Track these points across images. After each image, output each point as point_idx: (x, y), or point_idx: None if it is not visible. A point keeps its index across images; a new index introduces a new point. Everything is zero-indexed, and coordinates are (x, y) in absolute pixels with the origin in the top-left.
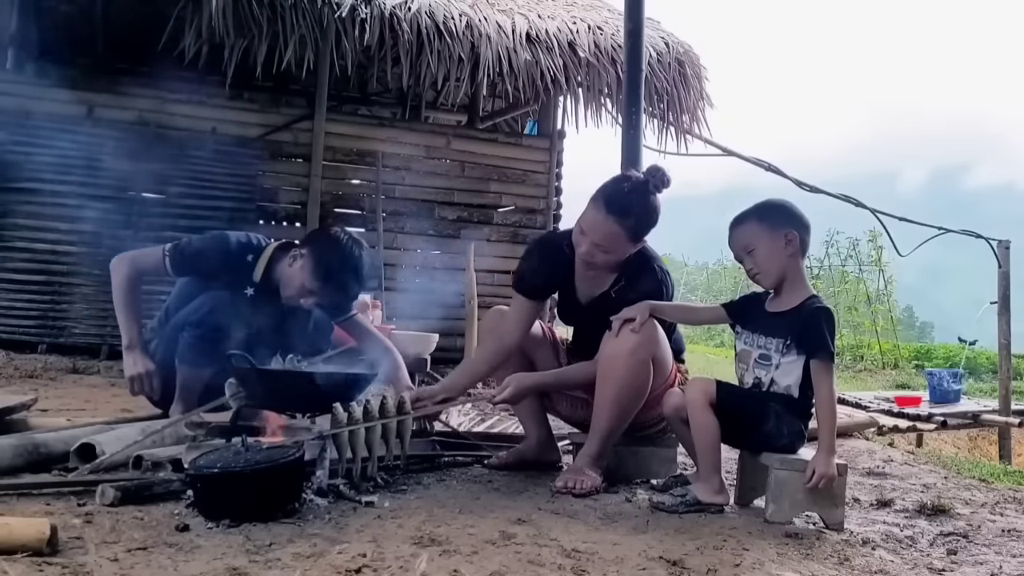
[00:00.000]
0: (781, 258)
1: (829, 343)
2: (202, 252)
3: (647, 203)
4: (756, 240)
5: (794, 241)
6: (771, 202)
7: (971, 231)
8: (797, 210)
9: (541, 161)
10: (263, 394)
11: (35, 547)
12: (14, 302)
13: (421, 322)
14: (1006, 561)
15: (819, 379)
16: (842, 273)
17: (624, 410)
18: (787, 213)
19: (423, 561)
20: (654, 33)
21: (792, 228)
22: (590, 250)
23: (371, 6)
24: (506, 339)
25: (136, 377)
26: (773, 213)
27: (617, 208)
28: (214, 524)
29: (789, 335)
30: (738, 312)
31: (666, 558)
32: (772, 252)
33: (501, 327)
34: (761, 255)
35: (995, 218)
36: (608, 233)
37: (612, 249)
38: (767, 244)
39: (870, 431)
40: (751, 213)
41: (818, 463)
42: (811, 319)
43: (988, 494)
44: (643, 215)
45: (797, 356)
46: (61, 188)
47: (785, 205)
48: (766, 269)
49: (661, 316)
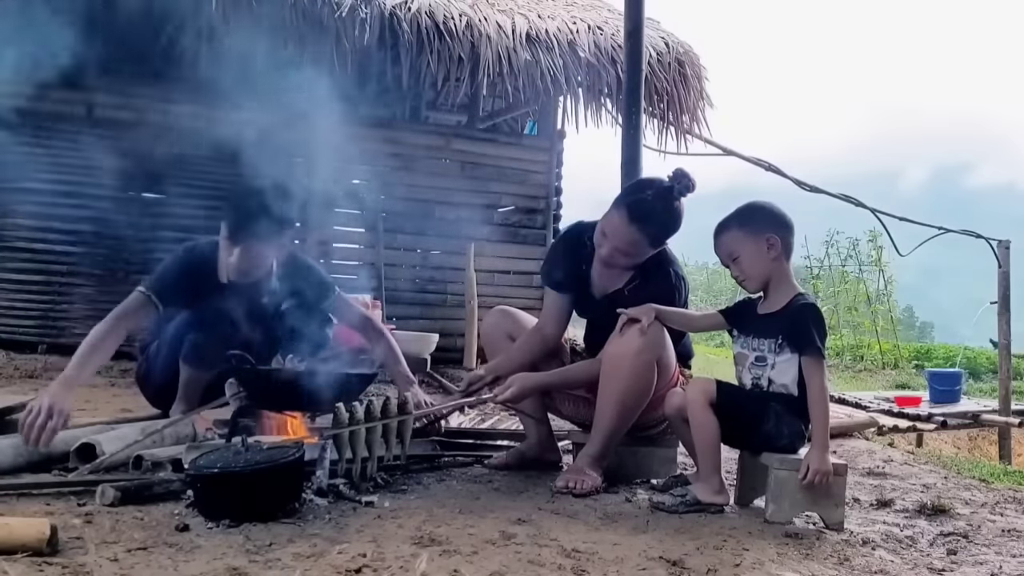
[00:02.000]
0: (765, 263)
1: (816, 339)
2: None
3: (670, 210)
4: (739, 247)
5: (776, 245)
6: (751, 206)
7: (971, 231)
8: (778, 211)
9: (541, 161)
10: (263, 394)
11: (35, 547)
12: (14, 302)
13: (421, 322)
14: (1006, 561)
15: (809, 375)
16: (842, 273)
17: (627, 411)
18: (767, 216)
19: (423, 561)
20: (654, 33)
21: (773, 232)
22: (611, 253)
23: (371, 6)
24: (546, 330)
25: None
26: (753, 218)
27: (640, 215)
28: (214, 524)
29: (780, 334)
30: (734, 317)
31: (666, 558)
32: (755, 258)
33: (540, 320)
34: (745, 262)
35: (996, 218)
36: (630, 240)
37: (633, 253)
38: (750, 250)
39: (870, 431)
40: (732, 220)
41: (812, 459)
42: (798, 317)
43: (988, 494)
44: (666, 221)
45: (791, 354)
46: (61, 188)
47: (765, 208)
48: (751, 275)
49: (664, 321)
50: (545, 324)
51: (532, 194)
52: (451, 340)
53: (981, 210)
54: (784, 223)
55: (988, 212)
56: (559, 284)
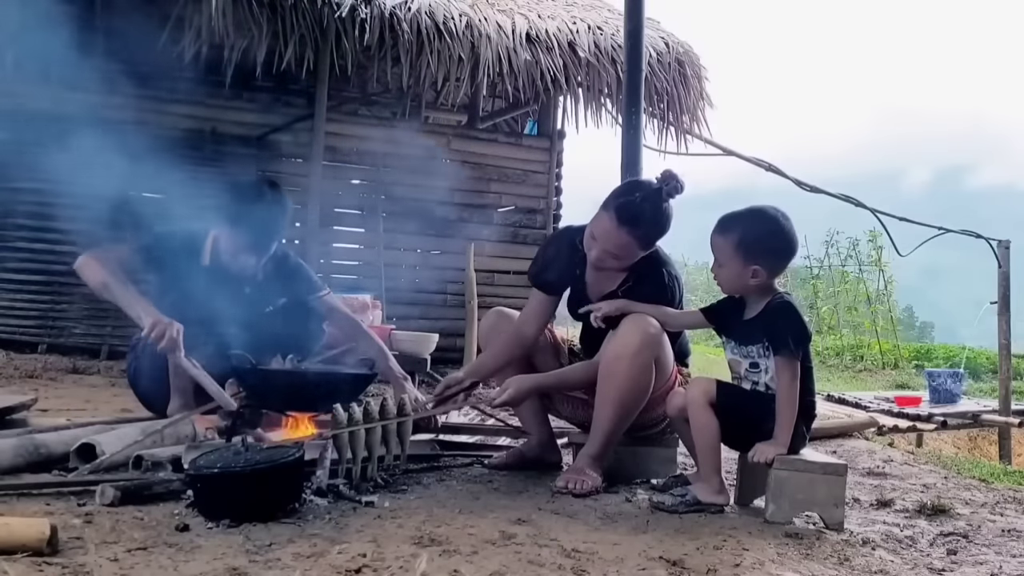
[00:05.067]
0: (743, 286)
1: (787, 338)
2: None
3: (659, 211)
4: (726, 260)
5: (760, 276)
6: (757, 225)
7: (971, 231)
8: (783, 237)
9: (541, 161)
10: (263, 393)
11: (35, 547)
12: (14, 302)
13: (421, 322)
14: (1006, 561)
15: (778, 373)
16: (842, 273)
17: (625, 411)
18: (768, 245)
19: (423, 561)
20: (654, 33)
21: (763, 264)
22: (601, 255)
23: (371, 6)
24: (524, 329)
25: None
26: (753, 242)
27: (628, 218)
28: (214, 524)
29: (764, 338)
30: (717, 317)
31: (666, 558)
32: (735, 277)
33: (519, 318)
34: (724, 275)
35: (997, 218)
36: (620, 243)
37: (623, 256)
38: (733, 269)
39: (870, 431)
40: (733, 229)
41: (764, 447)
42: (772, 316)
43: (988, 494)
44: (655, 223)
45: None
46: (61, 188)
47: (771, 233)
48: (725, 286)
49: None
50: (525, 323)
51: (532, 194)
52: (451, 340)
53: (983, 210)
54: (782, 253)
55: (990, 213)
56: (550, 286)
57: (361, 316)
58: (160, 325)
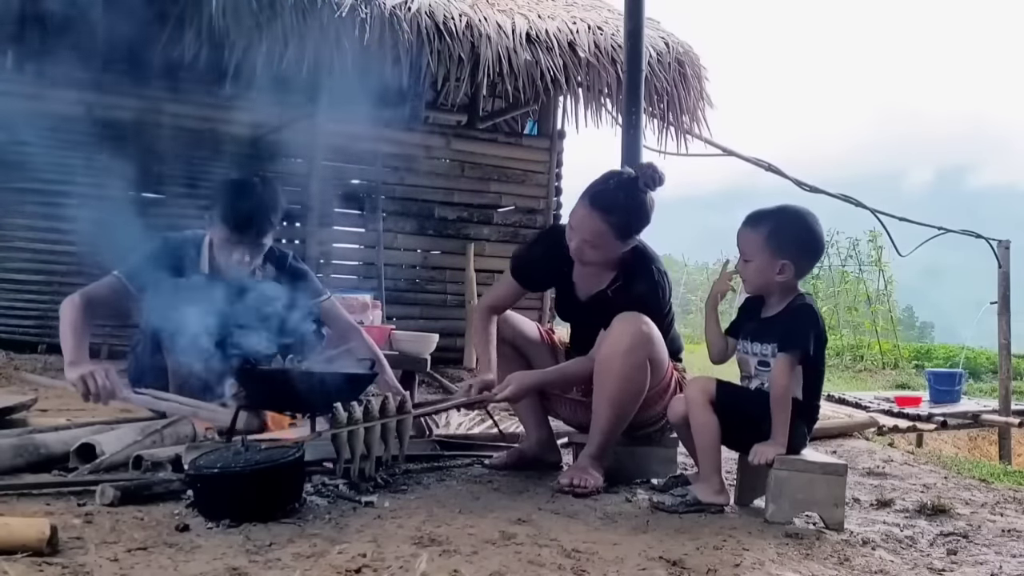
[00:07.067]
0: (769, 282)
1: (803, 340)
2: (150, 256)
3: (634, 200)
4: (754, 255)
5: (788, 271)
6: (788, 221)
7: (971, 231)
8: (813, 234)
9: (541, 161)
10: (263, 394)
11: (35, 547)
12: (14, 302)
13: (421, 322)
14: (1006, 561)
15: (777, 371)
16: (842, 273)
17: (623, 409)
18: (797, 241)
19: (423, 561)
20: (654, 33)
21: (792, 259)
22: (579, 246)
23: (371, 6)
24: (495, 305)
25: (87, 375)
26: (783, 236)
27: (602, 204)
28: (214, 524)
29: (778, 336)
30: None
31: (666, 558)
32: (763, 273)
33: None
34: (751, 270)
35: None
36: (594, 230)
37: (600, 245)
38: (761, 263)
39: (870, 431)
40: (764, 224)
41: (763, 448)
42: (793, 317)
43: (988, 494)
44: (630, 212)
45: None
46: (61, 188)
47: (802, 229)
48: (751, 282)
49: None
50: (498, 306)
51: (532, 194)
52: (451, 340)
53: (984, 211)
54: (811, 250)
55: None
56: (535, 284)
57: (361, 316)
58: (84, 382)
